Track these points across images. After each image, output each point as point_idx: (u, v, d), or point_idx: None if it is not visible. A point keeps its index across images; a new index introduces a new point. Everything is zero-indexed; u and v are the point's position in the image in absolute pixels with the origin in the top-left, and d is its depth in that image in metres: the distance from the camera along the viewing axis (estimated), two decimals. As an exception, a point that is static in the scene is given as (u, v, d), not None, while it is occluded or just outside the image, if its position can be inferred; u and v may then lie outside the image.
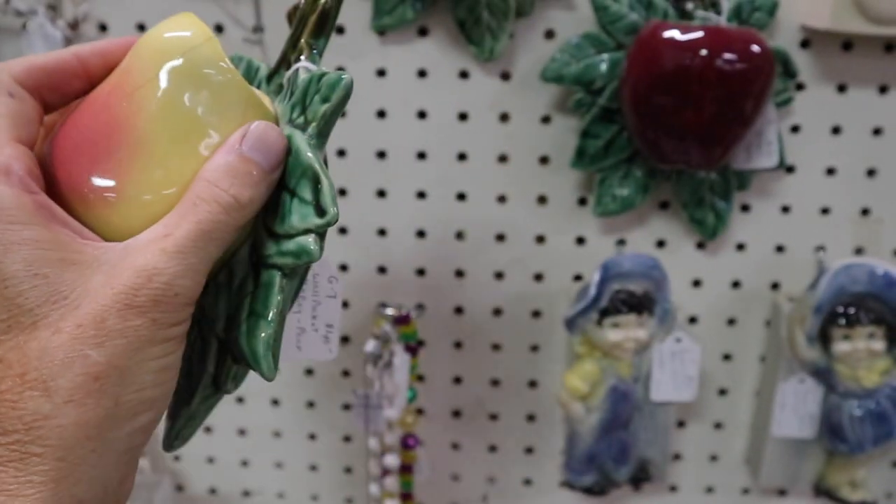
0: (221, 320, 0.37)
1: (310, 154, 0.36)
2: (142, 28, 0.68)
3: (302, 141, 0.36)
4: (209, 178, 0.33)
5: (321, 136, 0.36)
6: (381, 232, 0.74)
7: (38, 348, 0.29)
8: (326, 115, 0.36)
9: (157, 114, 0.34)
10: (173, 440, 0.40)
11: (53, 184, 0.34)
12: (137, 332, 0.30)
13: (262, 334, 0.36)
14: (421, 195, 0.72)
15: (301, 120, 0.37)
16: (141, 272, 0.30)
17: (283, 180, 0.36)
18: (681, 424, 0.79)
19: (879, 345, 0.66)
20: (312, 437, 0.82)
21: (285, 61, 0.40)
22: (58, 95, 0.36)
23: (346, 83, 0.36)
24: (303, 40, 0.40)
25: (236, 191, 0.33)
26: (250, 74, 0.43)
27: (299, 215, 0.36)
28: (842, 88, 0.68)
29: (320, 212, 0.35)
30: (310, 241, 0.35)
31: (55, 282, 0.30)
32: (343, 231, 0.74)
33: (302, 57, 0.39)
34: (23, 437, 0.29)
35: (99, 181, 0.33)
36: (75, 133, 0.34)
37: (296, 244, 0.36)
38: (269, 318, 0.36)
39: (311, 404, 0.81)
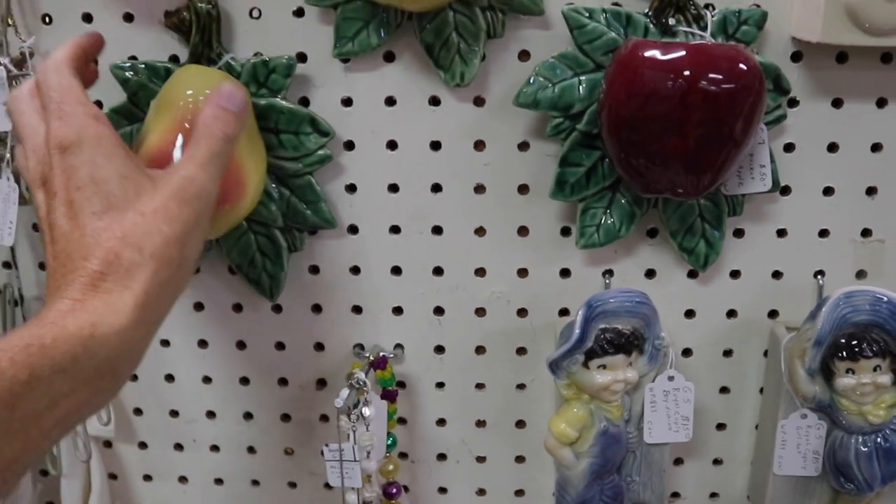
0: (279, 217, 0.65)
1: (296, 106, 0.62)
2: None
3: (286, 102, 0.62)
4: (206, 123, 0.51)
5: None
6: (354, 270, 0.70)
7: (131, 222, 0.44)
8: (287, 86, 0.62)
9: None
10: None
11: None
12: (188, 217, 0.46)
13: (324, 208, 0.65)
14: (394, 230, 0.68)
15: (265, 91, 0.62)
16: (185, 178, 0.47)
17: (276, 127, 0.62)
18: (678, 461, 0.75)
19: (886, 378, 0.61)
20: (293, 485, 0.78)
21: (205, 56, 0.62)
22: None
23: (294, 67, 0.62)
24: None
25: (223, 128, 0.51)
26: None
27: (310, 141, 0.63)
28: (837, 103, 0.63)
29: (323, 133, 0.63)
30: (326, 152, 0.63)
31: (135, 183, 0.46)
32: (314, 270, 0.70)
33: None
34: (123, 276, 0.43)
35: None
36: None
37: (317, 156, 0.63)
38: (321, 199, 0.65)
39: (287, 452, 0.77)
